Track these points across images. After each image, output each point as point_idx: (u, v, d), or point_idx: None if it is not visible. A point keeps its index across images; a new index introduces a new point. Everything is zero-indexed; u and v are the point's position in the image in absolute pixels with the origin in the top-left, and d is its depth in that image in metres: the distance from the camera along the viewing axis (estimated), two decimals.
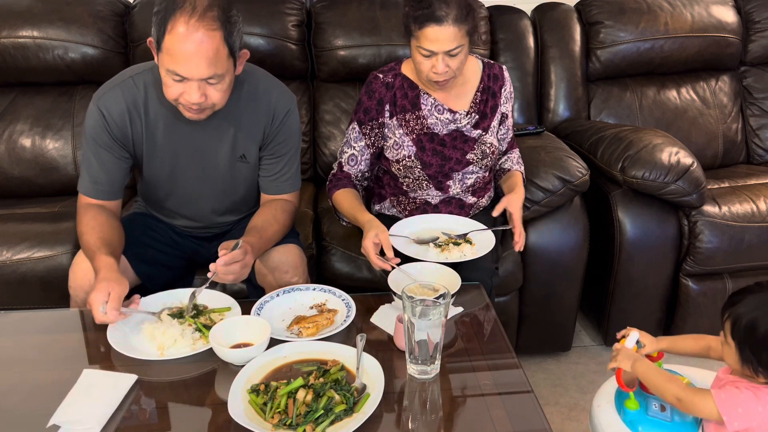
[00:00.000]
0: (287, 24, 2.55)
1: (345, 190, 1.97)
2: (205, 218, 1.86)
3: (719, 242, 2.24)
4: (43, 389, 1.35)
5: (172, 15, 1.47)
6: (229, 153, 1.75)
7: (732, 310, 1.30)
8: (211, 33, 1.47)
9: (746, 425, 1.25)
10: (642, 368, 1.38)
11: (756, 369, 1.28)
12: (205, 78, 1.51)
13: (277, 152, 1.78)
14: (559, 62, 2.72)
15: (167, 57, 1.50)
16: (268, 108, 1.73)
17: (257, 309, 1.56)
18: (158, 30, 1.50)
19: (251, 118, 1.73)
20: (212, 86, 1.54)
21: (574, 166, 2.14)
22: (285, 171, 1.81)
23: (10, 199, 2.43)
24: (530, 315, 2.29)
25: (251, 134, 1.74)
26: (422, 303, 1.31)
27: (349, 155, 2.00)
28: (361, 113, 1.96)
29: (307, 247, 2.07)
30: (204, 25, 1.47)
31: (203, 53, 1.47)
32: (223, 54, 1.51)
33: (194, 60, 1.48)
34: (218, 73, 1.52)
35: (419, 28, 1.75)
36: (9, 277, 1.99)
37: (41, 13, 2.45)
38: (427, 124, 1.95)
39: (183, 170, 1.75)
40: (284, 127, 1.76)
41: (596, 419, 1.48)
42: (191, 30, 1.46)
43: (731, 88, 2.82)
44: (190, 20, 1.46)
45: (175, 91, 1.54)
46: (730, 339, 1.30)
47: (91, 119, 1.68)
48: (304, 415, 1.21)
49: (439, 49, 1.76)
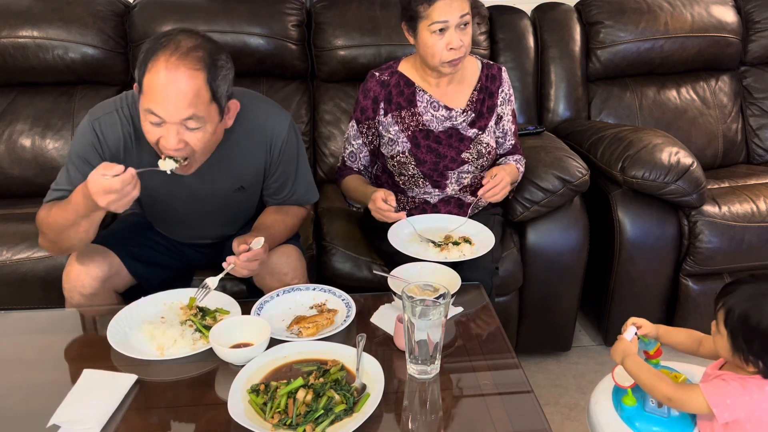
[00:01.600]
0: (287, 24, 2.55)
1: (352, 176, 2.06)
2: (203, 235, 1.87)
3: (719, 242, 2.24)
4: (43, 389, 1.35)
5: (153, 54, 1.42)
6: (227, 187, 1.71)
7: (726, 300, 1.32)
8: (192, 72, 1.41)
9: (735, 416, 1.28)
10: (632, 366, 1.39)
11: (746, 358, 1.29)
12: (183, 120, 1.42)
13: (281, 176, 1.76)
14: (559, 62, 2.72)
15: (146, 97, 1.43)
16: (264, 139, 1.68)
17: (257, 309, 1.56)
18: (140, 70, 1.44)
19: (248, 153, 1.68)
20: (191, 132, 1.45)
21: (574, 166, 2.14)
22: (294, 190, 1.80)
23: (10, 199, 2.43)
24: (530, 315, 2.29)
25: (250, 167, 1.70)
26: (422, 303, 1.32)
27: (350, 152, 2.06)
28: (358, 112, 2.00)
29: (308, 248, 2.07)
30: (185, 63, 1.40)
31: (181, 92, 1.40)
32: (205, 97, 1.43)
33: (171, 99, 1.40)
34: (198, 116, 1.43)
35: (429, 5, 1.78)
36: (9, 277, 1.99)
37: (41, 13, 2.45)
38: (422, 120, 1.96)
39: (178, 202, 1.72)
40: (285, 153, 1.72)
41: (594, 415, 1.49)
42: (171, 68, 1.40)
43: (731, 88, 2.82)
44: (171, 58, 1.40)
45: (154, 136, 1.46)
46: (723, 328, 1.32)
47: (83, 138, 1.58)
48: (304, 415, 1.21)
49: (453, 17, 1.79)
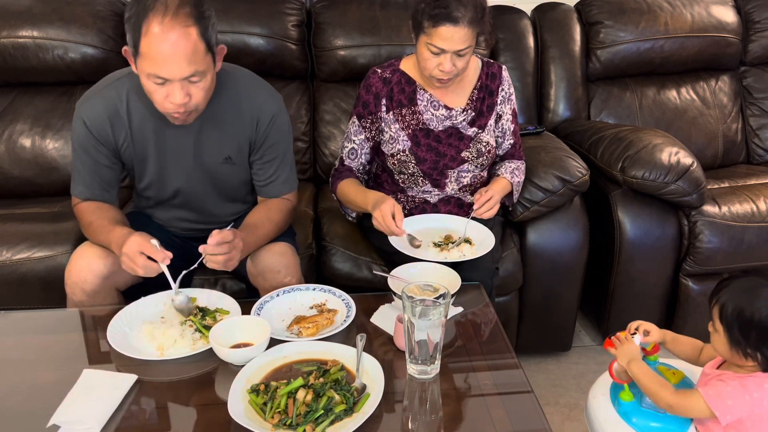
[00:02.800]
0: (287, 24, 2.55)
1: (348, 180, 2.00)
2: (202, 212, 1.86)
3: (719, 242, 2.24)
4: (43, 389, 1.35)
5: (144, 17, 1.45)
6: (214, 155, 1.74)
7: (719, 296, 1.33)
8: (186, 30, 1.45)
9: (737, 416, 1.28)
10: (637, 370, 1.40)
11: (745, 351, 1.30)
12: (187, 76, 1.49)
13: (267, 156, 1.78)
14: (559, 62, 2.72)
15: (146, 61, 1.48)
16: (252, 113, 1.72)
17: (257, 309, 1.56)
18: (133, 35, 1.47)
19: (234, 123, 1.72)
20: (194, 85, 1.52)
21: (574, 166, 2.14)
22: (278, 174, 1.81)
23: (10, 199, 2.43)
24: (530, 315, 2.29)
25: (235, 138, 1.73)
26: (422, 303, 1.32)
27: (350, 149, 2.03)
28: (360, 107, 1.99)
29: (307, 247, 2.07)
30: (178, 22, 1.45)
31: (181, 51, 1.46)
32: (201, 50, 1.49)
33: (173, 60, 1.46)
34: (199, 70, 1.50)
35: (433, 26, 1.76)
36: (9, 277, 1.99)
37: (41, 13, 2.45)
38: (422, 119, 1.96)
39: (171, 172, 1.75)
40: (271, 131, 1.75)
41: (591, 411, 1.49)
42: (166, 29, 1.44)
43: (731, 88, 2.82)
44: (164, 20, 1.44)
45: (160, 96, 1.52)
46: (719, 324, 1.33)
47: (75, 129, 1.69)
48: (304, 415, 1.21)
49: (450, 49, 1.78)
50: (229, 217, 1.89)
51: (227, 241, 1.54)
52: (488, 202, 1.90)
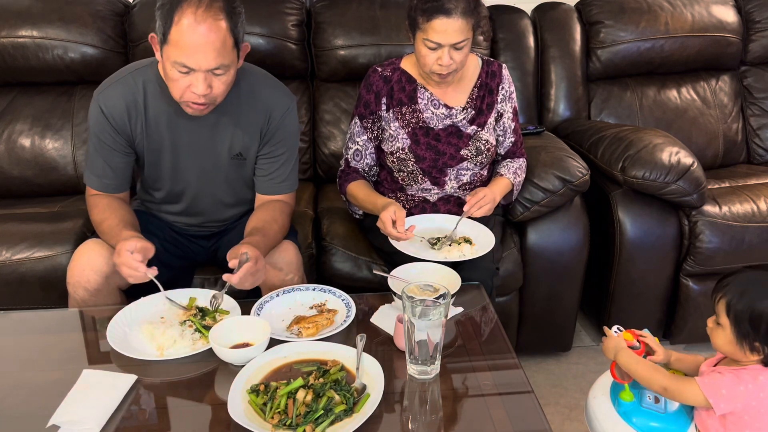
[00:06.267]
0: (287, 24, 2.55)
1: (357, 182, 2.02)
2: (207, 211, 1.86)
3: (719, 242, 2.23)
4: (43, 389, 1.35)
5: (178, 7, 1.49)
6: (227, 150, 1.76)
7: (726, 291, 1.33)
8: (217, 23, 1.49)
9: (732, 407, 1.29)
10: (625, 359, 1.40)
11: (752, 345, 1.30)
12: (212, 68, 1.52)
13: (273, 152, 1.79)
14: (559, 62, 2.72)
15: (174, 49, 1.51)
16: (266, 107, 1.74)
17: (257, 309, 1.56)
18: (164, 23, 1.51)
19: (249, 117, 1.74)
20: (218, 77, 1.56)
21: (574, 166, 2.14)
22: (282, 172, 1.81)
23: (10, 199, 2.43)
24: (530, 315, 2.29)
25: (248, 133, 1.75)
26: (422, 303, 1.31)
27: (354, 150, 2.04)
28: (362, 107, 1.99)
29: (307, 247, 2.06)
30: (211, 15, 1.48)
31: (211, 44, 1.49)
32: (229, 45, 1.53)
33: (202, 51, 1.49)
34: (224, 64, 1.54)
35: (427, 20, 1.77)
36: (9, 277, 1.99)
37: (41, 13, 2.45)
38: (422, 117, 1.96)
39: (184, 165, 1.77)
40: (281, 127, 1.76)
41: (591, 411, 1.49)
42: (199, 21, 1.48)
43: (731, 88, 2.82)
44: (197, 11, 1.48)
45: (182, 85, 1.55)
46: (725, 318, 1.33)
47: (92, 116, 1.71)
48: (303, 416, 1.21)
49: (446, 42, 1.78)
50: (232, 218, 1.89)
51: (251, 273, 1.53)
52: (480, 201, 1.89)
